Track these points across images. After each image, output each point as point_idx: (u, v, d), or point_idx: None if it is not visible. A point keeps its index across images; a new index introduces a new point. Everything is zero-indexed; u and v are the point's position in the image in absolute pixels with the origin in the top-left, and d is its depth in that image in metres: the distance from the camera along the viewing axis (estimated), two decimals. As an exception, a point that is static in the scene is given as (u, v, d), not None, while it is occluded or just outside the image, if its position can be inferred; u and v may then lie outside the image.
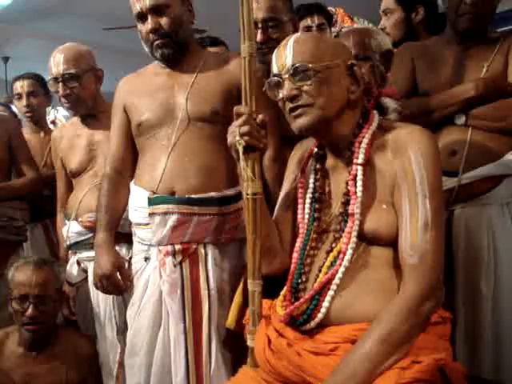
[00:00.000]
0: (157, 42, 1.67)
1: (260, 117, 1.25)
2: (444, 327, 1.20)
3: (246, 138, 1.22)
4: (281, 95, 1.24)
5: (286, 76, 1.22)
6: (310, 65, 1.20)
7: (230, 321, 1.55)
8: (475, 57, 1.69)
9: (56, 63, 2.06)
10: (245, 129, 1.22)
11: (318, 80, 1.20)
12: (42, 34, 5.36)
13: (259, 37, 1.79)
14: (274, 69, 1.26)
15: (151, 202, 1.65)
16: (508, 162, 1.60)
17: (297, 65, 1.21)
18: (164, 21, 1.65)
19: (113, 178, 1.81)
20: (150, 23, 1.65)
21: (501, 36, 1.69)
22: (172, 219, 1.63)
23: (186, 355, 1.61)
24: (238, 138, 1.22)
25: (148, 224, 1.67)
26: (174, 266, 1.63)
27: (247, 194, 1.27)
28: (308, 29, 2.49)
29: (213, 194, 1.64)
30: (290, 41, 1.24)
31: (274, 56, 1.27)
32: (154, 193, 1.66)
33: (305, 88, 1.21)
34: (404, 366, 1.07)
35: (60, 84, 2.06)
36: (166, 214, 1.63)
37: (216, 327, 1.62)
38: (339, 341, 1.15)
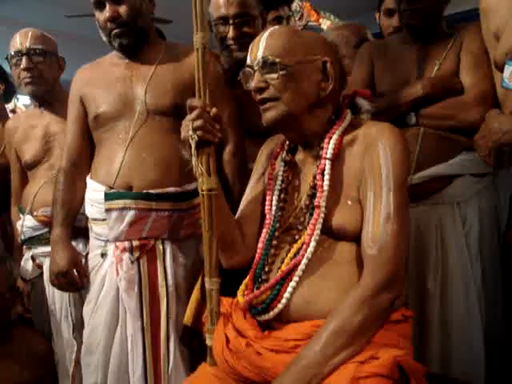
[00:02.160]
0: (115, 31, 1.63)
1: (213, 110, 1.23)
2: (405, 326, 1.19)
3: (199, 132, 1.20)
4: (250, 86, 1.25)
5: (256, 68, 1.23)
6: (278, 59, 1.20)
7: (188, 317, 1.54)
8: (430, 54, 1.70)
9: (22, 38, 1.99)
10: (198, 123, 1.20)
11: (285, 74, 1.20)
12: (2, 19, 5.18)
13: (231, 33, 1.76)
14: (248, 60, 1.27)
15: (108, 197, 1.61)
16: (458, 162, 1.62)
17: (265, 58, 1.21)
18: (122, 9, 1.60)
19: (69, 171, 1.76)
20: (107, 11, 1.60)
21: (455, 31, 1.70)
22: (129, 215, 1.60)
23: (143, 353, 1.59)
24: (190, 132, 1.20)
25: (105, 220, 1.63)
26: (132, 262, 1.60)
27: (202, 190, 1.24)
28: (278, 20, 2.45)
29: (171, 189, 1.62)
30: (266, 34, 1.25)
31: (249, 47, 1.27)
32: (111, 188, 1.62)
33: (272, 81, 1.21)
34: (362, 360, 1.07)
35: (24, 57, 1.98)
36: (123, 209, 1.60)
37: (174, 324, 1.60)
38: (300, 337, 1.15)
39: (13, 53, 2.01)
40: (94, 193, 1.66)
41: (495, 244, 1.66)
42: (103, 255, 1.66)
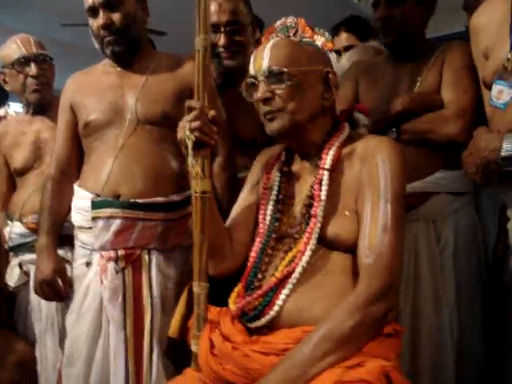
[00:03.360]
0: (108, 39, 1.63)
1: (211, 112, 1.23)
2: (396, 341, 1.19)
3: (196, 133, 1.20)
4: (255, 97, 1.25)
5: (262, 78, 1.24)
6: (285, 69, 1.21)
7: (173, 329, 1.51)
8: (412, 72, 1.71)
9: (26, 44, 2.00)
10: (196, 124, 1.20)
11: (291, 84, 1.22)
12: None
13: (222, 40, 1.78)
14: (251, 70, 1.27)
15: (95, 205, 1.60)
16: (436, 179, 1.62)
17: (272, 68, 1.22)
18: (116, 17, 1.61)
19: (57, 179, 1.75)
20: (101, 18, 1.60)
21: (436, 48, 1.72)
22: (116, 224, 1.58)
23: (125, 364, 1.56)
24: (188, 133, 1.20)
25: (91, 228, 1.61)
26: (116, 272, 1.58)
27: (196, 192, 1.24)
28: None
29: (159, 199, 1.60)
30: (269, 44, 1.26)
31: (252, 57, 1.28)
32: (98, 196, 1.60)
33: (278, 91, 1.22)
34: (349, 365, 1.07)
35: (33, 63, 1.99)
36: (109, 218, 1.58)
37: (158, 336, 1.57)
38: (290, 342, 1.14)
39: (16, 58, 2.00)
40: (81, 200, 1.65)
41: (473, 262, 1.65)
42: (88, 264, 1.64)
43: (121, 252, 1.59)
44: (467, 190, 1.66)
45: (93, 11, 1.62)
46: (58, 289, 1.67)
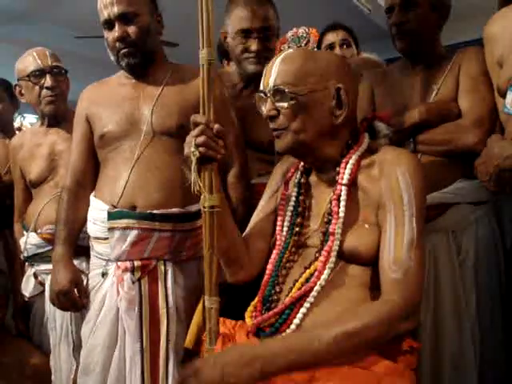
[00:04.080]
0: (123, 51, 1.64)
1: (216, 126, 1.21)
2: (412, 358, 1.17)
3: (201, 148, 1.19)
4: (263, 113, 1.25)
5: (268, 95, 1.23)
6: (288, 88, 1.19)
7: (189, 340, 1.50)
8: (428, 79, 1.69)
9: (42, 56, 2.03)
10: (200, 139, 1.18)
11: (296, 103, 1.20)
12: (14, 39, 5.26)
13: (255, 46, 1.79)
14: (261, 85, 1.27)
15: (111, 216, 1.60)
16: (454, 190, 1.60)
17: (276, 86, 1.21)
18: (132, 29, 1.62)
19: (73, 190, 1.76)
20: (117, 31, 1.62)
21: (452, 55, 1.70)
22: (132, 235, 1.58)
23: (141, 374, 1.56)
24: (193, 148, 1.19)
25: (107, 238, 1.62)
26: (133, 282, 1.58)
27: (204, 207, 1.23)
28: (331, 46, 2.45)
29: (175, 210, 1.61)
30: (279, 58, 1.24)
31: (264, 71, 1.27)
32: (115, 207, 1.61)
33: (282, 110, 1.21)
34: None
35: (48, 75, 2.02)
36: (126, 229, 1.59)
37: (174, 346, 1.57)
38: None
39: (32, 71, 2.03)
40: (98, 211, 1.66)
41: (493, 273, 1.62)
42: (104, 275, 1.64)
43: (137, 263, 1.59)
44: (487, 199, 1.63)
45: (108, 24, 1.64)
46: (75, 299, 1.67)
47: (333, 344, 1.05)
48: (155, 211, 1.59)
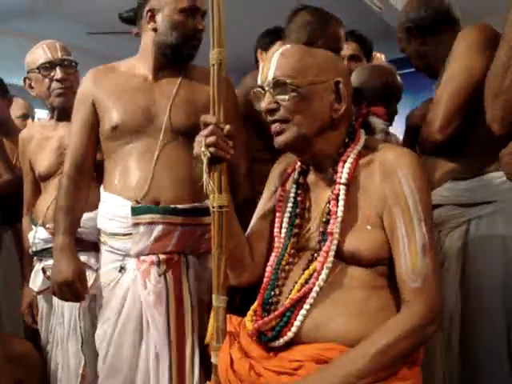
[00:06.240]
0: (195, 43, 1.65)
1: (227, 127, 1.21)
2: (417, 354, 1.17)
3: (211, 148, 1.19)
4: (261, 107, 1.24)
5: (267, 89, 1.21)
6: (289, 80, 1.18)
7: (209, 337, 1.51)
8: None
9: (51, 49, 2.02)
10: (211, 139, 1.19)
11: (296, 95, 1.18)
12: (26, 34, 5.28)
13: None
14: (259, 80, 1.26)
15: (135, 211, 1.60)
16: (440, 191, 1.61)
17: (277, 78, 1.20)
18: (202, 25, 1.65)
19: (73, 177, 1.71)
20: (199, 24, 1.64)
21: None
22: (157, 229, 1.59)
23: (169, 368, 1.56)
24: (203, 148, 1.19)
25: (126, 234, 1.61)
26: (159, 275, 1.59)
27: (213, 207, 1.24)
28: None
29: (196, 204, 1.62)
30: (278, 52, 1.23)
31: (261, 65, 1.26)
32: (138, 202, 1.61)
33: (283, 103, 1.20)
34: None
35: (58, 68, 2.01)
36: (151, 223, 1.59)
37: (198, 339, 1.58)
38: (304, 359, 1.12)
39: (41, 63, 2.02)
40: (117, 207, 1.64)
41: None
42: (122, 269, 1.63)
43: (162, 256, 1.60)
44: (474, 201, 1.61)
45: (191, 11, 1.62)
46: (78, 290, 1.64)
47: (372, 364, 1.06)
48: (179, 206, 1.60)
